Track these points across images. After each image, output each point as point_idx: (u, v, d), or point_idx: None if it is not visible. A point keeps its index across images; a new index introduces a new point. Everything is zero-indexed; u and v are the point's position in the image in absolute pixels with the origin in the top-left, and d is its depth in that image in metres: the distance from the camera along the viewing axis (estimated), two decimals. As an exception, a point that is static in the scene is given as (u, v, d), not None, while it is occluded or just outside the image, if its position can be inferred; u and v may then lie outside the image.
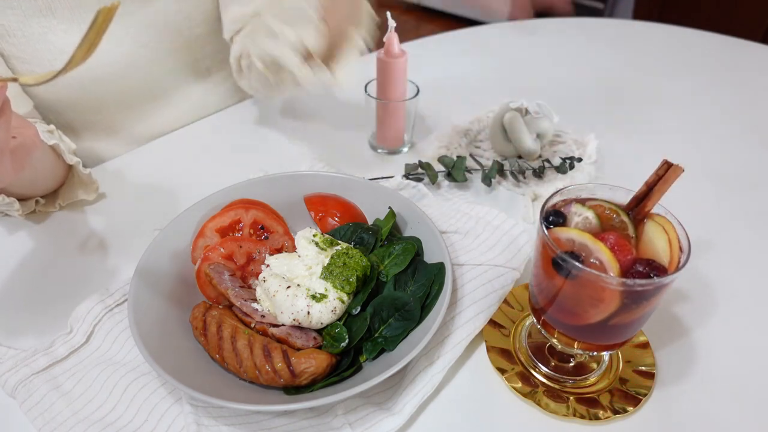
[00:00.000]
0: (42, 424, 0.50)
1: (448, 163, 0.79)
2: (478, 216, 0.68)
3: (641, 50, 1.22)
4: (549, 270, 0.47)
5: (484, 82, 1.08)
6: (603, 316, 0.46)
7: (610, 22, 1.36)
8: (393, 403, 0.52)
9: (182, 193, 0.78)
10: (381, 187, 0.68)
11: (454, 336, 0.56)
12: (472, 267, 0.62)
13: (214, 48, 0.89)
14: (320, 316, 0.54)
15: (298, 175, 0.70)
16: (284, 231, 0.65)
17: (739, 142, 0.91)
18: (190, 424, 0.49)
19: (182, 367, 0.50)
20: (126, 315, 0.57)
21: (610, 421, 0.51)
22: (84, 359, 0.56)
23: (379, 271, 0.59)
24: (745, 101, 1.03)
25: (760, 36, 2.23)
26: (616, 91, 1.06)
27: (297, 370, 0.50)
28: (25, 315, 0.61)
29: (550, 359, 0.56)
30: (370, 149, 0.89)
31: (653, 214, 0.49)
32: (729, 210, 0.77)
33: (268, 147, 0.89)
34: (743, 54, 1.20)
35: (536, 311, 0.53)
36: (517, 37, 1.27)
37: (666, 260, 0.46)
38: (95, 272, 0.66)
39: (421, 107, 0.97)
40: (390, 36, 0.78)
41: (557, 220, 0.49)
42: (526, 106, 0.83)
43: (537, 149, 0.83)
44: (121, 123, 0.86)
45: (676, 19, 1.53)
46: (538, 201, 0.77)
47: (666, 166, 0.48)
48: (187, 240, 0.63)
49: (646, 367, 0.56)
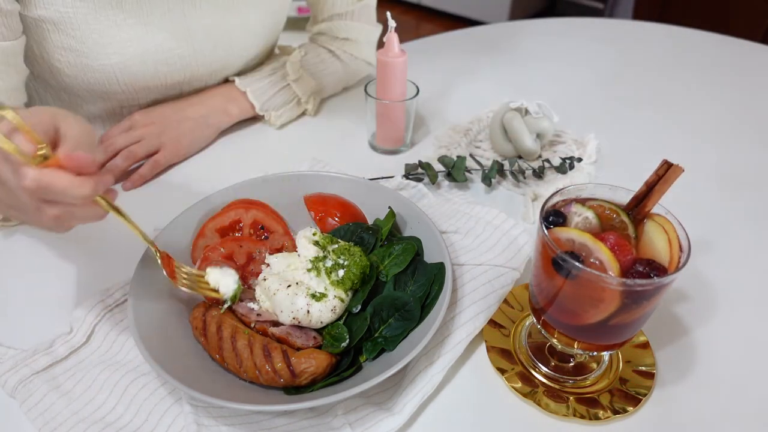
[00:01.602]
0: (42, 424, 0.50)
1: (448, 163, 0.79)
2: (478, 216, 0.68)
3: (641, 50, 1.22)
4: (549, 270, 0.47)
5: (484, 82, 1.08)
6: (603, 316, 0.46)
7: (610, 22, 1.36)
8: (393, 403, 0.52)
9: (182, 193, 0.78)
10: (381, 187, 0.68)
11: (454, 336, 0.56)
12: (472, 267, 0.62)
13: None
14: (320, 315, 0.54)
15: (298, 175, 0.70)
16: (284, 231, 0.65)
17: (739, 142, 0.91)
18: (190, 424, 0.49)
19: (182, 367, 0.50)
20: (126, 315, 0.57)
21: (610, 421, 0.51)
22: (84, 359, 0.55)
23: (379, 271, 0.59)
24: (745, 101, 1.03)
25: (760, 36, 2.23)
26: (616, 91, 1.06)
27: (297, 370, 0.50)
28: (25, 315, 0.61)
29: (550, 359, 0.56)
30: (370, 149, 0.89)
31: (653, 214, 0.49)
32: (729, 210, 0.77)
33: (268, 147, 0.89)
34: (743, 54, 1.20)
35: (536, 311, 0.53)
36: (517, 37, 1.27)
37: (666, 260, 0.46)
38: (95, 272, 0.66)
39: (421, 107, 0.97)
40: (390, 36, 0.78)
41: (557, 220, 0.49)
42: (526, 106, 0.83)
43: (537, 149, 0.83)
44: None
45: (676, 19, 1.54)
46: (538, 201, 0.77)
47: (666, 166, 0.48)
48: (187, 240, 0.63)
49: (646, 367, 0.56)
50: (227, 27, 0.84)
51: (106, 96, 0.80)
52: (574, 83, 1.08)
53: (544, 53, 1.20)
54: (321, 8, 0.95)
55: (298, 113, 0.95)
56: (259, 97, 0.90)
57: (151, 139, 0.80)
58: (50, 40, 0.71)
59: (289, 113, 0.93)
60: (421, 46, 1.21)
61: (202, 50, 0.83)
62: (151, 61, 0.78)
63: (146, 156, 0.80)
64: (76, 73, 0.74)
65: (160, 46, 0.78)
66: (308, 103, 0.94)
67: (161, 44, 0.78)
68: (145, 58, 0.77)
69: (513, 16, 3.11)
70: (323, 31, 0.98)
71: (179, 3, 0.77)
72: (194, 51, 0.82)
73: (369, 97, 0.83)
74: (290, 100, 0.93)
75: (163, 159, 0.81)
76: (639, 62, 1.16)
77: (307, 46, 0.97)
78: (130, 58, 0.76)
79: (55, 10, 0.68)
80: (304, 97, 0.93)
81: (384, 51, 0.79)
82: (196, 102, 0.86)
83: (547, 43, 1.24)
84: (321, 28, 0.98)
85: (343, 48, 0.98)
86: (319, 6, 0.95)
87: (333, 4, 0.94)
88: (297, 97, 0.93)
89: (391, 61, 0.79)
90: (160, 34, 0.77)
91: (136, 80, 0.79)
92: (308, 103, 0.94)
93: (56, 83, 0.77)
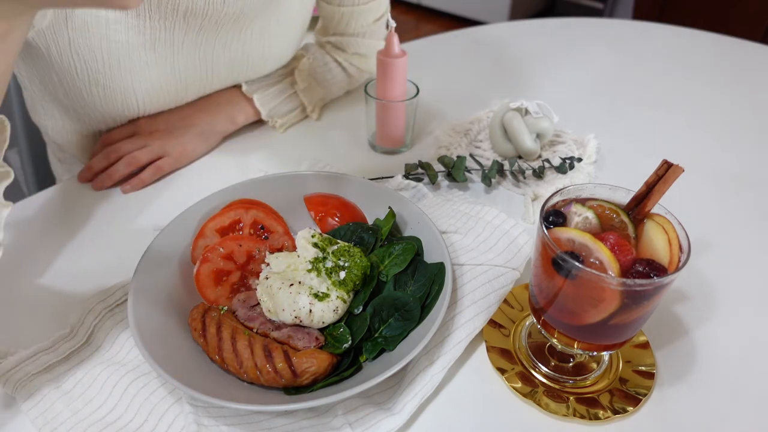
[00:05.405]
0: (42, 424, 0.50)
1: (448, 163, 0.79)
2: (478, 216, 0.68)
3: (641, 50, 1.22)
4: (549, 270, 0.47)
5: (484, 82, 1.08)
6: (603, 316, 0.46)
7: (610, 22, 1.36)
8: (393, 403, 0.52)
9: (182, 193, 0.78)
10: (381, 187, 0.68)
11: (454, 336, 0.56)
12: (472, 267, 0.62)
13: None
14: (322, 314, 0.54)
15: (298, 175, 0.70)
16: (284, 231, 0.65)
17: (739, 142, 0.91)
18: (190, 424, 0.49)
19: (182, 367, 0.50)
20: (126, 315, 0.57)
21: (610, 421, 0.51)
22: (84, 359, 0.55)
23: (379, 271, 0.59)
24: (745, 101, 1.03)
25: (760, 36, 2.23)
26: (616, 91, 1.06)
27: (299, 369, 0.50)
28: (25, 315, 0.61)
29: (550, 359, 0.56)
30: (370, 149, 0.89)
31: (653, 214, 0.49)
32: (729, 210, 0.77)
33: (269, 147, 0.89)
34: (743, 54, 1.20)
35: (536, 311, 0.53)
36: (517, 37, 1.27)
37: (666, 260, 0.46)
38: (95, 272, 0.66)
39: (421, 107, 0.97)
40: (390, 36, 0.78)
41: (557, 220, 0.49)
42: (526, 106, 0.83)
43: (537, 149, 0.83)
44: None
45: (676, 19, 1.54)
46: (538, 201, 0.77)
47: (666, 166, 0.48)
48: (187, 240, 0.63)
49: (646, 367, 0.56)
50: (249, 59, 0.84)
51: (119, 118, 0.81)
52: (574, 83, 1.08)
53: (544, 53, 1.20)
54: (335, 24, 0.94)
55: (301, 118, 0.95)
56: (266, 104, 0.89)
57: (155, 146, 0.80)
58: (78, 74, 0.71)
59: (293, 120, 0.93)
60: (421, 46, 1.21)
61: (219, 77, 0.84)
62: (174, 92, 0.80)
63: (149, 162, 0.80)
64: (97, 102, 0.75)
65: (182, 78, 0.79)
66: (314, 112, 0.94)
67: (184, 77, 0.79)
68: (168, 88, 0.78)
69: (513, 16, 3.11)
70: (332, 42, 0.97)
71: (209, 44, 0.77)
72: (212, 78, 0.83)
73: (369, 97, 0.83)
74: (296, 107, 0.93)
75: (167, 165, 0.81)
76: (639, 62, 1.16)
77: (314, 51, 0.96)
78: (154, 90, 0.77)
79: (89, 47, 0.68)
80: (310, 106, 0.94)
81: (384, 51, 0.79)
82: (202, 108, 0.86)
83: (547, 43, 1.24)
84: (331, 40, 0.97)
85: (350, 61, 0.97)
86: (333, 22, 0.94)
87: (348, 24, 0.92)
88: (303, 104, 0.93)
89: (391, 61, 0.79)
90: (186, 70, 0.78)
91: (154, 106, 0.80)
92: (314, 112, 0.94)
93: (70, 104, 0.77)
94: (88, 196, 0.79)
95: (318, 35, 0.99)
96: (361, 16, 0.91)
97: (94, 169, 0.80)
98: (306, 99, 0.93)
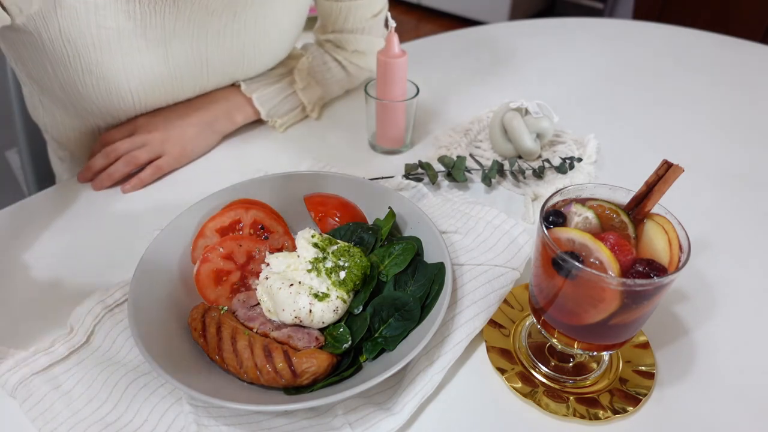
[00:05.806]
0: (42, 424, 0.50)
1: (448, 163, 0.79)
2: (478, 216, 0.68)
3: (641, 50, 1.22)
4: (549, 270, 0.47)
5: (484, 82, 1.08)
6: (603, 316, 0.46)
7: (610, 22, 1.36)
8: (393, 403, 0.52)
9: (182, 193, 0.78)
10: (381, 187, 0.68)
11: (454, 336, 0.56)
12: (472, 267, 0.62)
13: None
14: (322, 315, 0.54)
15: (298, 175, 0.70)
16: (284, 231, 0.65)
17: (739, 142, 0.91)
18: (190, 424, 0.49)
19: (182, 367, 0.50)
20: (126, 315, 0.57)
21: (610, 421, 0.51)
22: (84, 359, 0.55)
23: (379, 271, 0.59)
24: (745, 101, 1.03)
25: (760, 36, 2.23)
26: (616, 91, 1.06)
27: (299, 369, 0.50)
28: (25, 315, 0.61)
29: (550, 359, 0.56)
30: (370, 149, 0.89)
31: (653, 214, 0.49)
32: (729, 210, 0.77)
33: (269, 147, 0.89)
34: (743, 54, 1.20)
35: (536, 311, 0.53)
36: (517, 37, 1.27)
37: (666, 260, 0.46)
38: (95, 272, 0.66)
39: (421, 107, 0.97)
40: (390, 36, 0.78)
41: (557, 220, 0.49)
42: (526, 106, 0.83)
43: (537, 149, 0.83)
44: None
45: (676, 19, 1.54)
46: (538, 201, 0.77)
47: (666, 166, 0.48)
48: (187, 240, 0.63)
49: (646, 367, 0.56)
50: (244, 52, 0.84)
51: (116, 113, 0.81)
52: (574, 83, 1.08)
53: (544, 53, 1.20)
54: (333, 21, 0.94)
55: (301, 118, 0.95)
56: (265, 103, 0.89)
57: (154, 145, 0.80)
58: (71, 62, 0.70)
59: (293, 119, 0.93)
60: (421, 46, 1.21)
61: (215, 70, 0.83)
62: (169, 84, 0.79)
63: (148, 161, 0.80)
64: (91, 93, 0.75)
65: (177, 68, 0.78)
66: (313, 111, 0.94)
67: (178, 67, 0.78)
68: (162, 80, 0.78)
69: (513, 16, 3.11)
70: (331, 41, 0.97)
71: (202, 32, 0.77)
72: (208, 71, 0.82)
73: (369, 97, 0.83)
74: (296, 107, 0.93)
75: (166, 165, 0.81)
76: (639, 62, 1.16)
77: (313, 51, 0.97)
78: (148, 82, 0.76)
79: (80, 33, 0.68)
80: (309, 106, 0.94)
81: (384, 51, 0.79)
82: (201, 107, 0.86)
83: (547, 43, 1.24)
84: (329, 38, 0.97)
85: (350, 59, 0.97)
86: (331, 19, 0.94)
87: (345, 20, 0.93)
88: (302, 104, 0.93)
89: (391, 61, 0.78)
90: (179, 59, 0.78)
91: (150, 101, 0.80)
92: (313, 111, 0.94)
93: (66, 98, 0.77)
94: (88, 196, 0.79)
95: (317, 34, 0.99)
96: (358, 11, 0.91)
97: (93, 169, 0.80)
98: (305, 98, 0.93)
